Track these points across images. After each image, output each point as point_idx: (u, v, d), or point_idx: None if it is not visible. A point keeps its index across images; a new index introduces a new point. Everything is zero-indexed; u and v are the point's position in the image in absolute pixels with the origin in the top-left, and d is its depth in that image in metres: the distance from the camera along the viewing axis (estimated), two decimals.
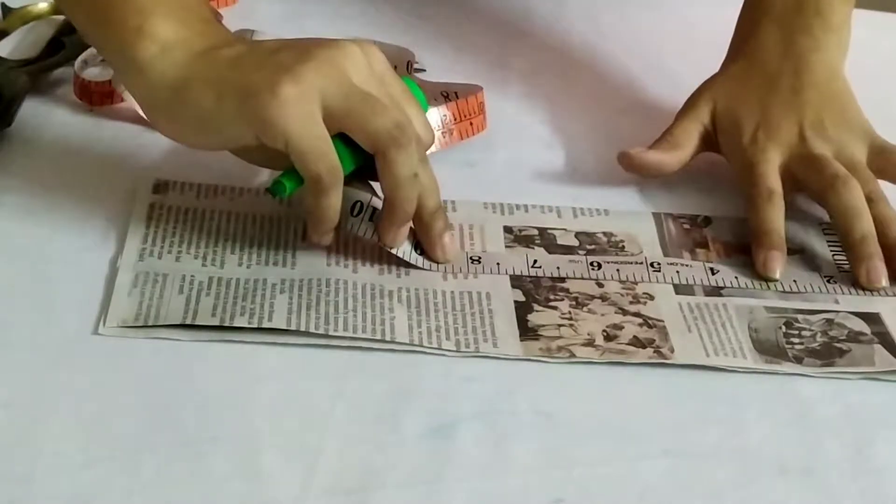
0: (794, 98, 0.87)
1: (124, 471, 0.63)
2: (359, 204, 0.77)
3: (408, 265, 0.78)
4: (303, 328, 0.72)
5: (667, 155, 0.89)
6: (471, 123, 0.89)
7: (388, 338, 0.72)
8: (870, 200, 0.83)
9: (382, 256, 0.79)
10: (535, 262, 0.79)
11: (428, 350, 0.72)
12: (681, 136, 0.89)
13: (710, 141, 0.89)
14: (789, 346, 0.74)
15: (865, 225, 0.82)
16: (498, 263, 0.79)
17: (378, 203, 0.77)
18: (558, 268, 0.79)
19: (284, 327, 0.72)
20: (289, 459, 0.64)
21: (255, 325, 0.72)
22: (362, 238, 0.78)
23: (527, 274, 0.78)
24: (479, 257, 0.79)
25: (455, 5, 1.12)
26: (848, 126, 0.87)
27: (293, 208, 0.80)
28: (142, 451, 0.64)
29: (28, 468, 0.63)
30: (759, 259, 0.81)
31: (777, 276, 0.80)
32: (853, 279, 0.80)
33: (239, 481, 0.63)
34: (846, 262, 0.82)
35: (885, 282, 0.80)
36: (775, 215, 0.83)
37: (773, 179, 0.84)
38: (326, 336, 0.72)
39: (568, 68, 1.04)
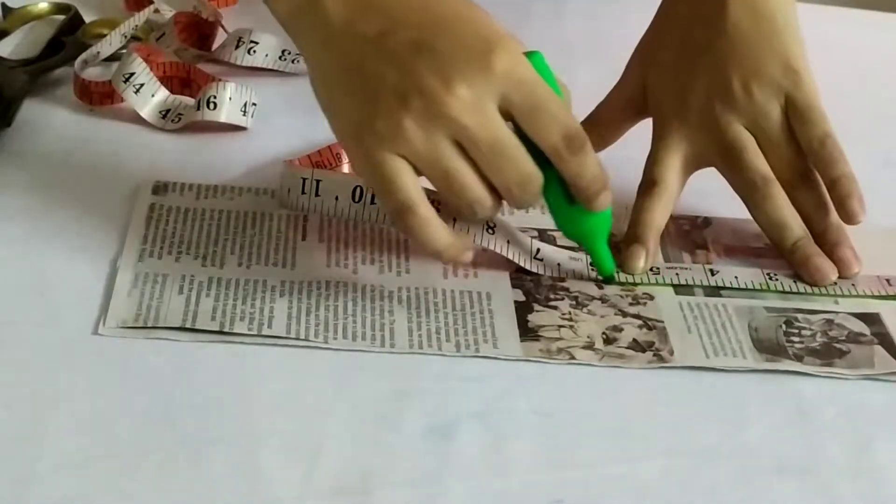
0: (703, 56, 0.84)
1: (124, 471, 0.63)
2: (359, 189, 0.77)
3: (407, 260, 0.78)
4: (302, 336, 0.72)
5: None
6: None
7: (387, 344, 0.72)
8: (792, 187, 0.82)
9: (383, 254, 0.79)
10: (538, 251, 0.79)
11: (429, 353, 0.72)
12: (604, 113, 0.88)
13: (643, 109, 0.87)
14: (789, 344, 0.74)
15: (795, 231, 0.81)
16: (507, 241, 0.78)
17: None
18: (559, 265, 0.79)
19: (284, 335, 0.72)
20: (289, 459, 0.64)
21: (255, 332, 0.72)
22: (372, 223, 0.78)
23: (528, 266, 0.78)
24: (495, 225, 0.78)
25: None
26: (760, 83, 0.82)
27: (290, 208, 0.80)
28: (142, 451, 0.64)
29: (28, 468, 0.63)
30: (622, 251, 0.80)
31: (637, 270, 0.79)
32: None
33: (239, 481, 0.63)
34: None
35: (833, 276, 0.80)
36: (648, 206, 0.81)
37: (662, 171, 0.82)
38: (326, 343, 0.72)
39: (568, 68, 1.04)
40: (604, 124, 0.89)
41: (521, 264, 0.78)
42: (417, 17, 0.72)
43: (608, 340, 0.74)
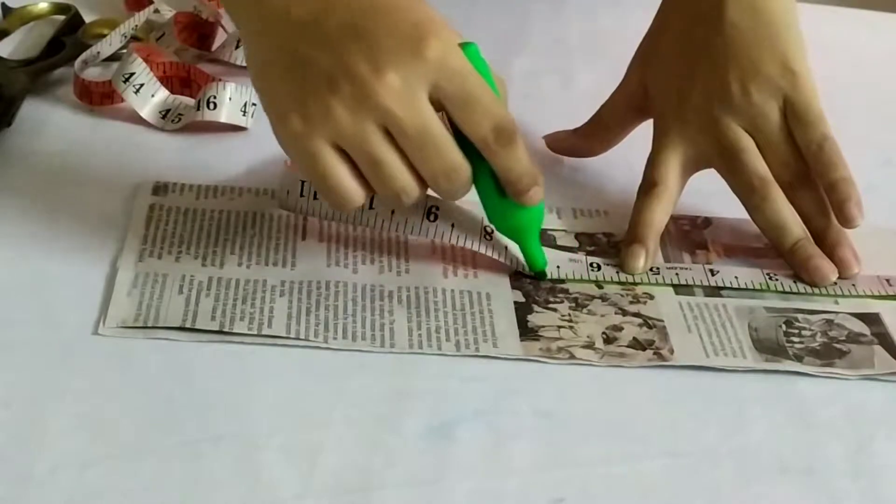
0: (702, 56, 0.84)
1: (124, 471, 0.63)
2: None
3: (406, 260, 0.78)
4: (302, 336, 0.72)
5: (587, 140, 0.89)
6: None
7: (387, 344, 0.72)
8: (791, 188, 0.81)
9: (383, 254, 0.79)
10: None
11: (428, 353, 0.72)
12: (607, 115, 0.89)
13: (645, 110, 0.87)
14: (789, 344, 0.74)
15: (794, 232, 0.81)
16: (506, 247, 0.78)
17: None
18: (558, 267, 0.79)
19: (284, 335, 0.72)
20: (289, 459, 0.64)
21: (255, 332, 0.72)
22: (370, 228, 0.78)
23: (528, 270, 0.78)
24: (493, 230, 0.78)
25: (455, 5, 1.12)
26: (757, 83, 0.82)
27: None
28: (142, 451, 0.64)
29: (28, 468, 0.63)
30: (622, 251, 0.80)
31: (637, 270, 0.79)
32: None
33: (239, 481, 0.63)
34: None
35: (833, 276, 0.80)
36: (648, 206, 0.81)
37: (660, 172, 0.82)
38: (326, 343, 0.72)
39: (568, 68, 1.04)
40: (607, 126, 0.89)
41: (519, 270, 0.78)
42: (353, 3, 0.72)
43: (608, 340, 0.74)
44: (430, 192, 0.77)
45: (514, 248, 0.79)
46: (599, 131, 0.89)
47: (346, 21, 0.70)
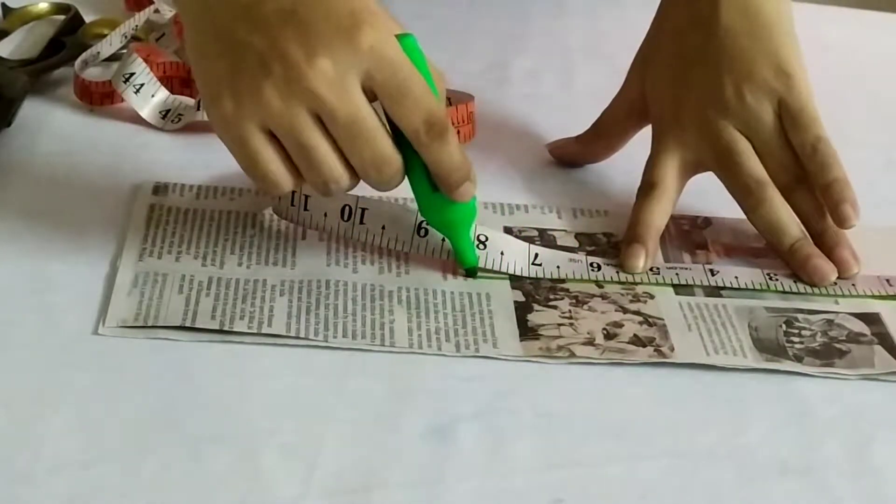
0: (697, 60, 0.84)
1: (124, 471, 0.63)
2: (347, 208, 0.77)
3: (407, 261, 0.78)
4: (302, 335, 0.72)
5: (590, 146, 0.89)
6: (458, 132, 0.89)
7: (387, 343, 0.72)
8: (789, 190, 0.82)
9: (383, 254, 0.79)
10: (537, 256, 0.79)
11: (428, 353, 0.72)
12: (609, 121, 0.89)
13: (645, 115, 0.87)
14: (789, 344, 0.74)
15: (792, 233, 0.81)
16: (501, 253, 0.78)
17: (366, 203, 0.78)
18: (558, 267, 0.79)
19: (284, 333, 0.72)
20: (289, 459, 0.64)
21: (255, 331, 0.72)
22: (361, 243, 0.78)
23: (527, 273, 0.78)
24: (487, 238, 0.78)
25: (455, 5, 1.12)
26: (751, 86, 0.82)
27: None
28: (142, 451, 0.64)
29: (28, 468, 0.63)
30: (622, 251, 0.80)
31: (636, 269, 0.79)
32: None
33: (239, 481, 0.63)
34: None
35: (832, 276, 0.79)
36: (647, 207, 0.81)
37: (659, 174, 0.82)
38: (326, 342, 0.72)
39: (568, 68, 1.04)
40: (609, 132, 0.89)
41: (518, 273, 0.78)
42: None
43: (609, 336, 0.74)
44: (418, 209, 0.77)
45: (516, 251, 0.79)
46: (601, 138, 0.89)
47: (284, 6, 0.70)
